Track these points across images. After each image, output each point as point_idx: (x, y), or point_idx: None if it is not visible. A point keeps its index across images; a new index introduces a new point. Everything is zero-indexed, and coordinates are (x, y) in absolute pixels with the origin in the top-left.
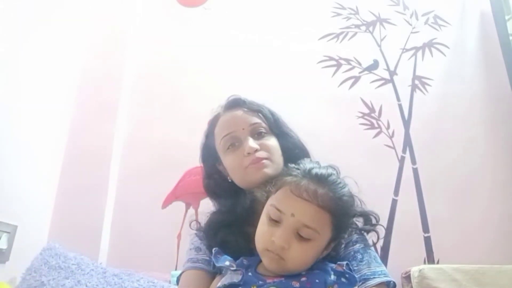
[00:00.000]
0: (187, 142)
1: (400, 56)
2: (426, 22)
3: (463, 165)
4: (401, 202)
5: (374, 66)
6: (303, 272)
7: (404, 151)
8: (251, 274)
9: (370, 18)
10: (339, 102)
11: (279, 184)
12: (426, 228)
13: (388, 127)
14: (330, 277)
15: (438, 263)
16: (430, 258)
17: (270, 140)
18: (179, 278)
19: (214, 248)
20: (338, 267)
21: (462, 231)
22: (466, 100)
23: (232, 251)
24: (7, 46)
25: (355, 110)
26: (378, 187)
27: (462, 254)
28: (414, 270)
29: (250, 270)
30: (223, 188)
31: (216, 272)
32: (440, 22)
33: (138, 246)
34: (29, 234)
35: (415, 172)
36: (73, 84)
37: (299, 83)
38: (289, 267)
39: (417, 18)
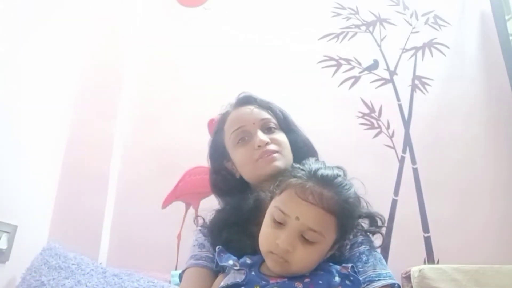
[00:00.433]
0: (187, 142)
1: (400, 56)
2: (426, 22)
3: (463, 165)
4: (401, 202)
5: (374, 66)
6: (307, 273)
7: (404, 151)
8: (254, 274)
9: (370, 18)
10: (339, 102)
11: (284, 186)
12: (426, 228)
13: (388, 127)
14: (334, 279)
15: (438, 263)
16: (430, 258)
17: (279, 135)
18: (181, 275)
19: (217, 247)
20: (343, 269)
21: (462, 231)
22: (466, 100)
23: (236, 249)
24: (7, 46)
25: (355, 110)
26: (378, 187)
27: (462, 254)
28: (414, 270)
29: (253, 269)
30: (229, 185)
31: (219, 270)
32: (440, 22)
33: (138, 246)
34: (29, 234)
35: (415, 172)
36: (73, 85)
37: (299, 83)
38: (293, 270)
39: (417, 18)
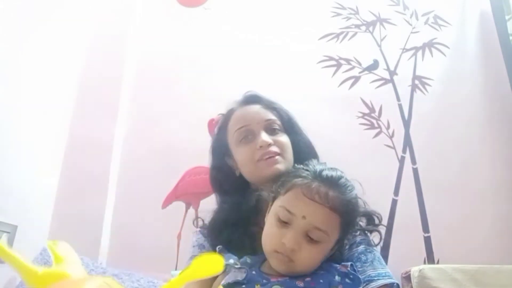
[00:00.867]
0: (187, 141)
1: (400, 56)
2: (426, 22)
3: (464, 165)
4: (401, 202)
5: (374, 66)
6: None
7: (404, 151)
8: (255, 273)
9: (370, 18)
10: (339, 102)
11: (289, 186)
12: (426, 228)
13: (388, 127)
14: (335, 278)
15: (438, 263)
16: (430, 258)
17: (283, 137)
18: None
19: (218, 246)
20: (342, 268)
21: (462, 231)
22: (466, 100)
23: (236, 250)
24: (7, 46)
25: (355, 110)
26: (378, 187)
27: (462, 254)
28: (414, 270)
29: (254, 268)
30: (229, 182)
31: None
32: (440, 22)
33: (138, 246)
34: (29, 234)
35: (415, 172)
36: (73, 85)
37: (299, 83)
38: (297, 269)
39: (417, 18)
